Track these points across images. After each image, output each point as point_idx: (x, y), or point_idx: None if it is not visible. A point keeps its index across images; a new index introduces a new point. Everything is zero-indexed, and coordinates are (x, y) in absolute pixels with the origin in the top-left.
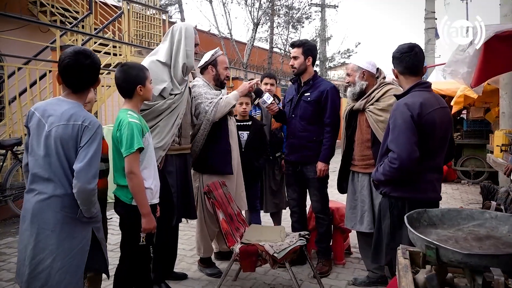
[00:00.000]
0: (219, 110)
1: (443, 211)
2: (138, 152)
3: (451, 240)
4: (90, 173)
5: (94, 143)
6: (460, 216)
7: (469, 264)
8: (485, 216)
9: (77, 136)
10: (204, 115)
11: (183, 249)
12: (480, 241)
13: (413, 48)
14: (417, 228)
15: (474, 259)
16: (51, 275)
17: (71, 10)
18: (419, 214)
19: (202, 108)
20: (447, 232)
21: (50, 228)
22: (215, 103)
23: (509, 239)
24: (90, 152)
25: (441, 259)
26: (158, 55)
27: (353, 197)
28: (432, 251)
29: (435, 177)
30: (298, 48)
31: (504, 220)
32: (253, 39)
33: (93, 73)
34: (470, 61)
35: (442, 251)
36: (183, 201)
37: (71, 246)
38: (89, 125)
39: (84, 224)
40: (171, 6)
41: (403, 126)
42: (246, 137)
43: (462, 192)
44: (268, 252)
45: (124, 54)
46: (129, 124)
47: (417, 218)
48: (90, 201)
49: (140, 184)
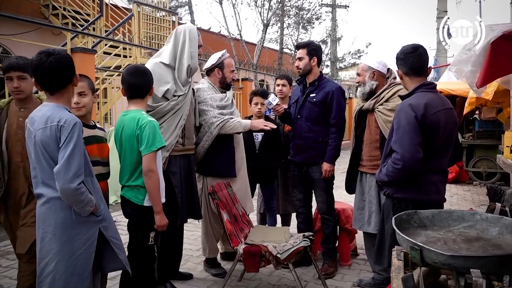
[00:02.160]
0: (224, 129)
1: (433, 213)
2: (157, 151)
3: (440, 241)
4: (70, 172)
5: (71, 142)
6: (451, 217)
7: (453, 266)
8: (476, 218)
9: (56, 137)
10: (209, 126)
11: (190, 249)
12: (469, 243)
13: (417, 48)
14: (407, 230)
15: (457, 260)
16: (55, 278)
17: (83, 13)
18: (409, 216)
19: (208, 118)
20: (436, 234)
21: (51, 231)
22: (223, 120)
23: (498, 241)
24: (67, 152)
25: (425, 260)
26: (162, 57)
27: (361, 197)
28: (416, 252)
29: (439, 178)
30: (303, 49)
31: (495, 222)
32: (263, 40)
33: (59, 71)
34: (475, 60)
35: (426, 253)
36: (188, 201)
37: (73, 249)
38: (65, 124)
39: (89, 225)
40: (181, 8)
41: (407, 127)
42: (260, 138)
43: (473, 193)
44: (271, 252)
45: (134, 56)
46: (151, 123)
47: (407, 220)
48: (78, 201)
49: (158, 182)
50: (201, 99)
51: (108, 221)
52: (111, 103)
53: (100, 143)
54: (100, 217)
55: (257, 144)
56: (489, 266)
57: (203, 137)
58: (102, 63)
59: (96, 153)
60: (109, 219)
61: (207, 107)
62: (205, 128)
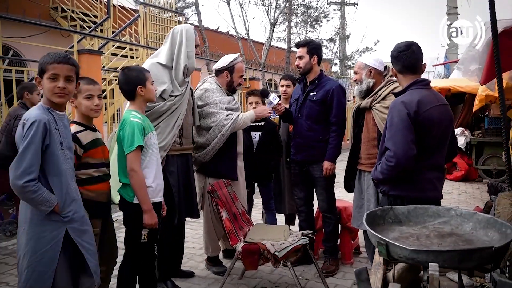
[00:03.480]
0: (236, 127)
1: (409, 209)
2: (139, 150)
3: (412, 237)
4: (20, 169)
5: (26, 139)
6: (427, 213)
7: (416, 260)
8: (451, 213)
9: (21, 135)
10: (220, 129)
11: (193, 247)
12: (441, 238)
13: (410, 46)
14: (381, 226)
15: (419, 255)
16: (22, 273)
17: (90, 15)
18: (384, 212)
19: (219, 121)
20: (411, 230)
21: (23, 226)
22: (233, 120)
23: (471, 236)
24: (21, 149)
25: (391, 255)
26: (159, 57)
27: (359, 195)
28: (382, 247)
29: (435, 175)
30: (303, 48)
31: (468, 218)
32: (271, 39)
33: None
34: (480, 57)
35: (391, 247)
36: (186, 200)
37: (38, 245)
38: (26, 121)
39: (55, 224)
40: (188, 8)
41: (400, 124)
42: (258, 137)
43: (482, 191)
44: (269, 250)
45: (140, 57)
46: (131, 123)
47: (381, 216)
48: (29, 199)
49: (141, 181)
50: (210, 100)
51: (81, 224)
52: (118, 103)
53: (103, 145)
54: (67, 218)
55: (255, 143)
56: (451, 260)
57: (214, 139)
58: (109, 64)
59: (101, 155)
60: (83, 223)
61: (216, 109)
62: (215, 130)
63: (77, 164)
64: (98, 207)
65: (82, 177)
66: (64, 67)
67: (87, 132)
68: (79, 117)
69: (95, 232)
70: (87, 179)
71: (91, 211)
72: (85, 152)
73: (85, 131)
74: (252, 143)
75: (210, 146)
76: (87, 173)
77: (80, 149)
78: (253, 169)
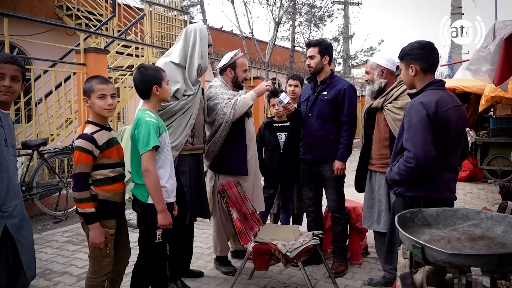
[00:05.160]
0: (237, 111)
1: (438, 211)
2: (154, 150)
3: (443, 240)
4: None
5: None
6: (456, 216)
7: (454, 264)
8: (481, 216)
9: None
10: (223, 116)
11: (201, 247)
12: (473, 241)
13: (433, 44)
14: (411, 228)
15: (458, 259)
16: None
17: (96, 13)
18: (413, 214)
19: (220, 109)
20: (441, 232)
21: None
22: (232, 104)
23: (502, 240)
24: None
25: (427, 258)
26: (172, 56)
27: (370, 196)
28: (418, 251)
29: (450, 176)
30: (314, 48)
31: (499, 221)
32: (275, 38)
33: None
34: (492, 58)
35: (427, 251)
36: (197, 200)
37: None
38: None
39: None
40: (193, 7)
41: (419, 125)
42: (284, 138)
43: (488, 192)
44: (280, 251)
45: (146, 55)
46: (146, 123)
47: (411, 218)
48: None
49: (156, 181)
50: (212, 94)
51: (21, 221)
52: (124, 102)
53: (118, 144)
54: (6, 213)
55: (282, 143)
56: (490, 264)
57: (219, 128)
58: (115, 63)
59: (116, 154)
60: (22, 219)
61: (217, 100)
62: (219, 120)
63: (93, 166)
64: (114, 207)
65: (98, 177)
66: (11, 67)
67: (102, 132)
68: (93, 116)
69: (110, 233)
70: (103, 179)
71: (107, 212)
72: (101, 153)
73: (101, 131)
74: (279, 143)
75: (217, 134)
76: (103, 173)
77: (96, 150)
78: (279, 170)
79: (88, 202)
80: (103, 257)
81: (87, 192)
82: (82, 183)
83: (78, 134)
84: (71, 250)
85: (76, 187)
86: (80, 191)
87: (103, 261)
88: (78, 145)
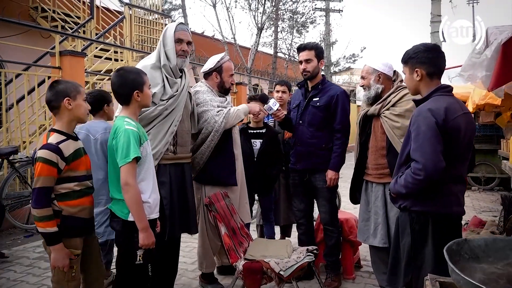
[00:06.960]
0: (229, 121)
1: (487, 241)
2: (134, 162)
3: (501, 279)
4: None
5: None
6: (509, 247)
7: None
8: None
9: None
10: (213, 124)
11: (185, 262)
12: None
13: (440, 47)
14: (458, 263)
15: None
16: None
17: (73, 16)
18: (459, 246)
19: (210, 117)
20: (494, 268)
21: None
22: (225, 114)
23: None
24: None
25: None
26: (151, 58)
27: (366, 208)
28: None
29: (458, 188)
30: (310, 51)
31: None
32: (257, 44)
33: None
34: (488, 64)
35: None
36: (181, 214)
37: None
38: None
39: None
40: (174, 11)
41: (428, 134)
42: (259, 145)
43: (473, 199)
44: (273, 269)
45: (125, 59)
46: (125, 132)
47: (457, 251)
48: None
49: (137, 197)
50: (200, 100)
51: None
52: None
53: (86, 155)
54: None
55: (256, 151)
56: None
57: (208, 137)
58: (92, 67)
59: (84, 166)
60: None
61: (207, 107)
62: (208, 128)
63: (57, 179)
64: (80, 224)
65: (61, 191)
66: None
67: (69, 142)
68: (61, 124)
69: (76, 253)
70: (68, 193)
71: (72, 229)
72: (67, 165)
73: (67, 141)
74: (253, 151)
75: (205, 145)
76: (68, 187)
77: (62, 162)
78: (253, 179)
79: (49, 221)
80: (68, 281)
81: (49, 209)
82: (44, 199)
83: (42, 143)
84: (43, 268)
85: (36, 203)
86: (40, 208)
87: (68, 285)
88: (41, 156)
